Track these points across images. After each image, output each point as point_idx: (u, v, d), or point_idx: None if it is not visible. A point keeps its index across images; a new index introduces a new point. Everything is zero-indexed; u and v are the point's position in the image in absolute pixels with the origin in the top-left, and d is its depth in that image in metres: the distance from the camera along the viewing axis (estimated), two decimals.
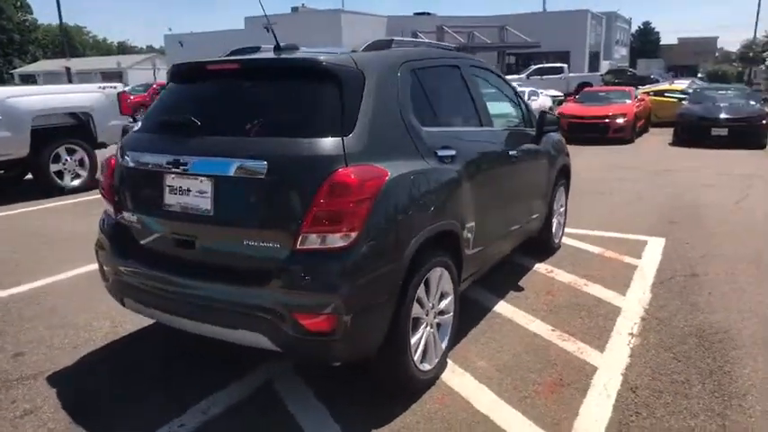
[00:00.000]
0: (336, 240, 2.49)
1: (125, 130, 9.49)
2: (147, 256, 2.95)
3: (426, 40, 3.94)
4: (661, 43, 78.57)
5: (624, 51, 66.45)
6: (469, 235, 3.39)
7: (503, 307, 4.17)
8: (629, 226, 6.44)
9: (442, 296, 3.16)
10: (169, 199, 2.80)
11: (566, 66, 32.99)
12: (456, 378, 3.19)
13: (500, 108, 4.36)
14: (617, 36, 60.98)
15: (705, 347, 3.51)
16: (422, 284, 2.89)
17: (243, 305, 2.60)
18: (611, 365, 3.31)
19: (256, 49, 3.52)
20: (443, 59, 3.69)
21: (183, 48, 48.44)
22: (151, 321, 3.89)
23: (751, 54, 40.04)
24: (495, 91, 4.39)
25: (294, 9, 45.20)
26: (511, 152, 4.09)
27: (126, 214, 3.03)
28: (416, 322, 2.91)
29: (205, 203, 2.68)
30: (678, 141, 13.95)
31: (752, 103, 14.20)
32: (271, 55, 3.08)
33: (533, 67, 33.36)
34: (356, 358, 2.69)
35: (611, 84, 28.16)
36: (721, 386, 3.07)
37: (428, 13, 49.44)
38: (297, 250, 2.51)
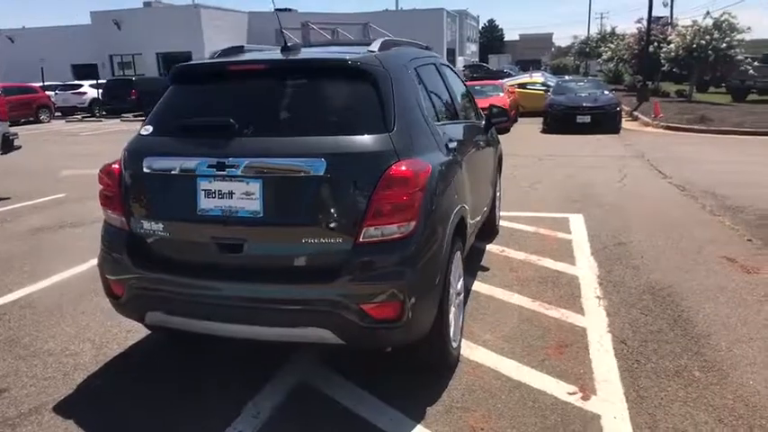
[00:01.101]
0: (396, 231, 2.62)
1: (5, 137, 8.50)
2: (181, 264, 2.83)
3: (408, 40, 4.11)
4: (505, 39, 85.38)
5: (474, 47, 71.22)
6: (469, 220, 3.66)
7: (479, 286, 4.50)
8: (545, 206, 7.15)
9: (458, 278, 3.39)
10: (205, 203, 2.72)
11: None
12: (473, 352, 3.45)
13: (461, 102, 4.67)
14: (468, 33, 65.16)
15: (660, 301, 4.13)
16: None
17: (305, 302, 2.64)
18: (596, 325, 3.78)
19: (240, 49, 3.48)
20: (426, 58, 3.91)
21: (14, 44, 43.21)
22: (137, 339, 3.71)
23: (587, 49, 45.49)
24: (456, 86, 4.70)
25: (147, 4, 42.24)
26: (480, 143, 4.44)
27: (146, 224, 2.87)
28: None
29: (253, 205, 2.65)
30: (548, 129, 15.45)
31: (605, 92, 16.17)
32: (302, 54, 3.07)
33: None
34: (413, 340, 2.83)
35: (469, 79, 30.07)
36: (687, 331, 3.67)
37: (289, 10, 49.02)
38: (359, 243, 2.60)
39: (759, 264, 4.86)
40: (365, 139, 2.65)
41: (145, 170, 2.83)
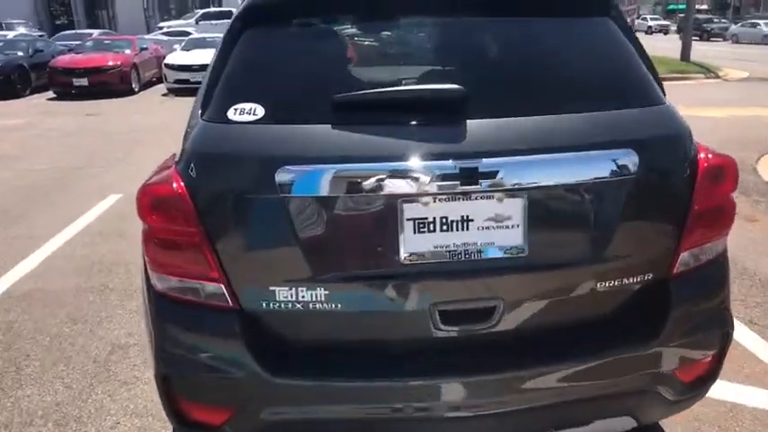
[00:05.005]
0: (713, 249, 1.75)
1: None
2: (368, 358, 1.58)
3: None
4: None
5: None
6: None
7: None
8: None
9: None
10: (413, 244, 1.50)
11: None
12: None
13: None
14: None
15: None
16: None
17: (604, 385, 1.63)
18: None
19: None
20: None
21: None
22: None
23: None
24: None
25: None
26: None
27: (285, 293, 1.52)
28: None
29: (512, 238, 1.53)
30: None
31: None
32: None
33: (199, 11, 31.09)
34: None
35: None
36: None
37: None
38: (675, 276, 1.68)
39: (752, 213, 4.95)
40: (671, 114, 1.67)
41: (282, 193, 1.47)
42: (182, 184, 1.52)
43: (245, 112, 1.54)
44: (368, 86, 1.60)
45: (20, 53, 14.77)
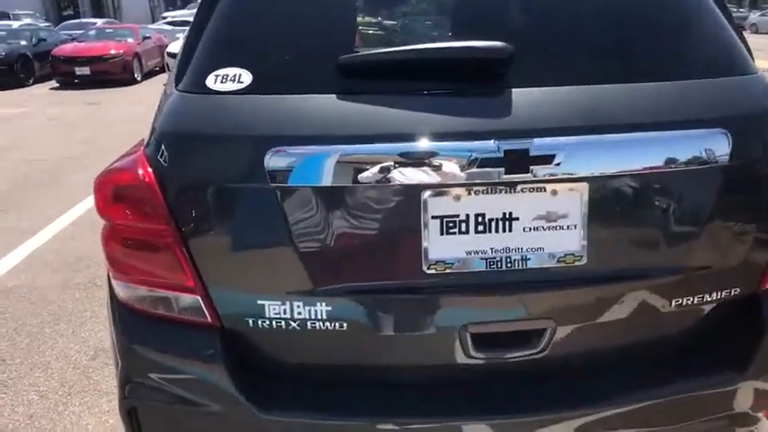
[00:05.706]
0: None
1: None
2: (383, 390, 1.27)
3: None
4: None
5: None
6: None
7: None
8: None
9: None
10: (439, 249, 1.19)
11: None
12: None
13: None
14: None
15: None
16: None
17: (671, 430, 1.32)
18: None
19: None
20: None
21: None
22: None
23: None
24: None
25: None
26: None
27: (273, 307, 1.22)
28: None
29: (566, 242, 1.21)
30: None
31: None
32: None
33: None
34: None
35: None
36: None
37: None
38: (766, 291, 1.34)
39: None
40: (766, 86, 1.34)
41: (273, 182, 1.15)
42: (149, 170, 1.21)
43: (229, 79, 1.22)
44: (384, 45, 1.28)
45: (23, 42, 14.49)
